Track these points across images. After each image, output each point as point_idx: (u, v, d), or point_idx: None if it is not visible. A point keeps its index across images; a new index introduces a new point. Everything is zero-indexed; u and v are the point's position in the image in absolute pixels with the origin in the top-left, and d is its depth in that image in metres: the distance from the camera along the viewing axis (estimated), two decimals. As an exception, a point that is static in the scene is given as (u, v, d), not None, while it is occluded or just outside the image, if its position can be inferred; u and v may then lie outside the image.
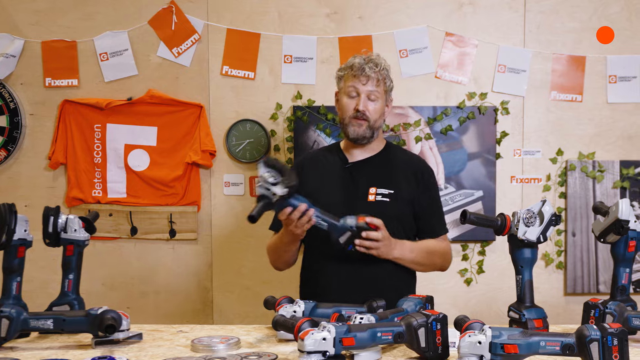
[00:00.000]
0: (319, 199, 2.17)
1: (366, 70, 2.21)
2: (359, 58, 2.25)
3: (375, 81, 2.22)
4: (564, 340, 1.51)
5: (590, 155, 3.33)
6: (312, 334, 1.54)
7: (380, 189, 2.24)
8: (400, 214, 2.25)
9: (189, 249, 3.38)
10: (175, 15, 3.28)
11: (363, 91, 2.22)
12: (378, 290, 2.13)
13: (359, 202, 2.22)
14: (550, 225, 1.97)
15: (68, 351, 1.83)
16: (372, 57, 2.26)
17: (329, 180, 2.30)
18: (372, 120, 2.23)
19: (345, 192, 2.26)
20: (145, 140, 3.32)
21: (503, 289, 3.34)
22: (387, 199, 2.23)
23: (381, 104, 2.25)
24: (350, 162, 2.31)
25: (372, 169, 2.29)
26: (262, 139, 3.29)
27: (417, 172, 2.31)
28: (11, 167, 3.36)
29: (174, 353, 1.80)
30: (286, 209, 1.99)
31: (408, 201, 2.26)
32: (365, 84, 2.22)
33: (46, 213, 2.07)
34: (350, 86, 2.24)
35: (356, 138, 2.25)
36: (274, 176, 1.93)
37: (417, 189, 2.28)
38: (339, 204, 2.22)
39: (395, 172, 2.28)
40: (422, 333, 1.66)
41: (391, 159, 2.32)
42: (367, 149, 2.30)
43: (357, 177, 2.27)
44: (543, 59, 3.32)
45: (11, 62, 3.29)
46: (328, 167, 2.33)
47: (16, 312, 1.84)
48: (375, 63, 2.23)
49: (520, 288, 2.00)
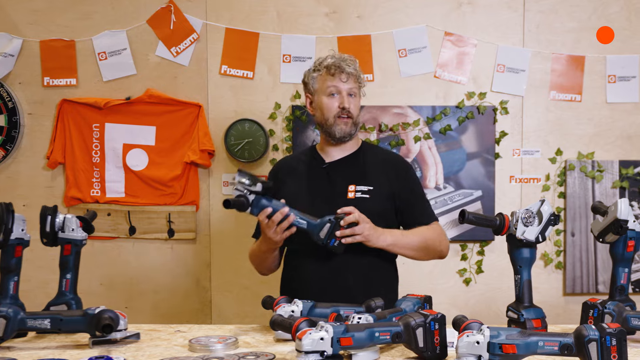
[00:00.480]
0: (298, 200, 2.17)
1: (345, 68, 2.22)
2: (330, 58, 2.26)
3: (354, 78, 2.25)
4: (562, 340, 1.51)
5: (590, 155, 3.32)
6: (309, 333, 1.53)
7: (360, 186, 2.24)
8: (382, 209, 2.24)
9: (188, 248, 3.37)
10: (173, 14, 3.27)
11: (344, 89, 2.23)
12: (358, 288, 2.15)
13: (338, 200, 2.21)
14: (549, 225, 1.97)
15: (65, 351, 1.82)
16: (344, 55, 2.28)
17: (308, 182, 2.29)
18: (355, 116, 2.26)
19: (324, 192, 2.25)
20: (144, 139, 3.31)
21: (502, 288, 3.34)
22: (367, 195, 2.22)
23: (359, 100, 2.29)
24: (327, 162, 2.30)
25: (349, 167, 2.29)
26: (261, 139, 3.28)
27: (395, 167, 2.31)
28: (9, 166, 3.35)
29: (171, 353, 1.79)
30: (267, 208, 2.01)
31: (388, 196, 2.26)
32: (346, 81, 2.23)
33: (43, 212, 2.06)
34: (330, 86, 2.24)
35: (343, 136, 2.25)
36: (248, 179, 1.98)
37: (397, 182, 2.27)
38: (319, 203, 2.21)
39: (373, 169, 2.28)
40: (420, 333, 1.65)
41: (368, 157, 2.32)
42: (343, 149, 2.30)
43: (334, 176, 2.27)
44: (542, 59, 3.31)
45: (9, 62, 3.29)
46: (305, 169, 2.33)
47: (13, 312, 1.84)
48: (351, 60, 2.26)
49: (518, 288, 2.00)
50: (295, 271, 2.29)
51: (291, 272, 2.32)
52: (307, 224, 2.07)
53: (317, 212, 2.11)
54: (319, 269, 2.20)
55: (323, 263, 2.19)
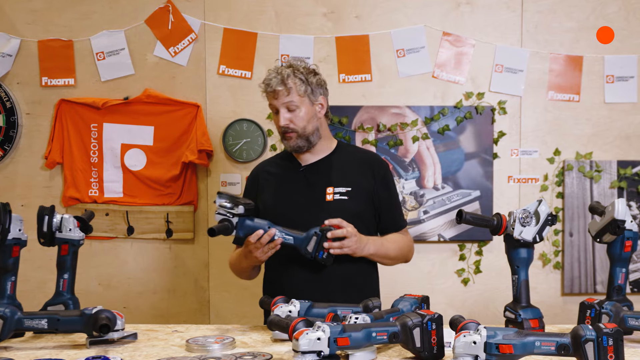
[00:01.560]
0: (278, 205, 2.17)
1: (272, 84, 2.17)
2: (271, 72, 2.21)
3: (285, 92, 2.17)
4: (559, 340, 1.51)
5: (588, 155, 3.32)
6: (306, 333, 1.53)
7: (337, 187, 2.23)
8: (361, 210, 2.24)
9: (186, 248, 3.37)
10: (171, 14, 3.27)
11: (279, 105, 2.20)
12: (341, 289, 2.15)
13: (317, 203, 2.21)
14: (546, 225, 1.97)
15: (62, 351, 1.82)
16: (281, 69, 2.20)
17: (285, 186, 2.29)
18: (300, 129, 2.21)
19: (302, 196, 2.25)
20: (142, 139, 3.31)
21: (500, 289, 3.34)
22: (345, 197, 2.22)
23: (305, 109, 2.20)
24: (303, 165, 2.30)
25: (326, 169, 2.28)
26: (259, 139, 3.28)
27: (373, 167, 2.30)
28: (7, 166, 3.35)
29: (168, 353, 1.79)
30: (258, 231, 2.03)
31: (367, 197, 2.26)
32: (278, 98, 2.19)
33: (41, 212, 2.06)
34: (269, 104, 2.24)
35: (295, 150, 2.25)
36: (229, 202, 2.00)
37: (375, 183, 2.27)
38: (297, 207, 2.22)
39: (350, 170, 2.28)
40: (417, 333, 1.65)
41: (344, 157, 2.31)
42: (317, 152, 2.29)
43: (312, 179, 2.26)
44: (540, 59, 3.31)
45: (7, 61, 3.29)
46: (282, 173, 2.32)
47: (10, 312, 1.84)
48: (282, 74, 2.17)
49: (516, 288, 2.00)
50: (276, 272, 2.29)
51: (272, 273, 2.33)
52: (294, 239, 2.08)
53: (297, 217, 2.14)
54: (299, 271, 2.20)
55: (303, 265, 2.18)
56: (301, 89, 2.19)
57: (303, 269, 2.19)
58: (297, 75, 2.19)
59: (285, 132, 2.22)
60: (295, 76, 2.18)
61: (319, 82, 2.25)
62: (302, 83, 2.19)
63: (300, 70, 2.20)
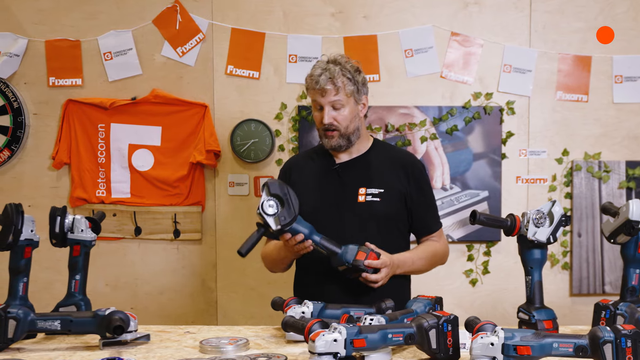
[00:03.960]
0: (308, 202, 2.15)
1: (321, 82, 2.13)
2: (317, 68, 2.18)
3: (334, 90, 2.14)
4: (577, 342, 1.50)
5: (596, 155, 3.31)
6: (323, 335, 1.53)
7: (370, 188, 2.21)
8: (392, 212, 2.22)
9: (193, 249, 3.37)
10: (179, 14, 3.26)
11: (325, 103, 2.17)
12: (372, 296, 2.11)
13: (349, 203, 2.20)
14: (560, 226, 1.96)
15: (76, 352, 1.81)
16: (329, 66, 2.16)
17: (318, 183, 2.27)
18: (343, 128, 2.19)
19: (334, 194, 2.23)
20: (150, 140, 3.31)
21: (508, 289, 3.33)
22: (377, 199, 2.20)
23: (349, 109, 2.18)
24: (337, 163, 2.28)
25: (360, 168, 2.26)
26: (267, 139, 3.27)
27: (407, 168, 2.28)
28: (15, 166, 3.34)
29: (182, 354, 1.78)
30: (285, 234, 2.01)
31: (399, 198, 2.23)
32: (325, 96, 2.16)
33: (53, 213, 2.05)
34: (313, 100, 2.21)
35: (332, 148, 2.24)
36: (273, 205, 1.95)
37: (408, 185, 2.25)
38: (328, 206, 2.21)
39: (384, 170, 2.25)
40: (433, 334, 1.65)
41: (379, 157, 2.29)
42: (353, 150, 2.27)
43: (345, 178, 2.25)
44: (549, 59, 3.30)
45: (15, 62, 3.28)
46: (316, 169, 2.30)
47: (23, 313, 1.83)
48: (331, 71, 2.14)
49: (529, 289, 1.99)
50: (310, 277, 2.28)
51: (305, 277, 2.31)
52: (327, 252, 2.04)
53: (327, 215, 2.12)
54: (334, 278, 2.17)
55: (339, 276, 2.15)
56: (349, 88, 2.17)
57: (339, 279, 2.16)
58: (345, 74, 2.16)
59: (327, 130, 2.19)
60: (344, 75, 2.16)
61: (363, 81, 2.23)
62: (350, 82, 2.17)
63: (347, 68, 2.17)
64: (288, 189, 2.00)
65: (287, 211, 1.96)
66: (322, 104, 2.17)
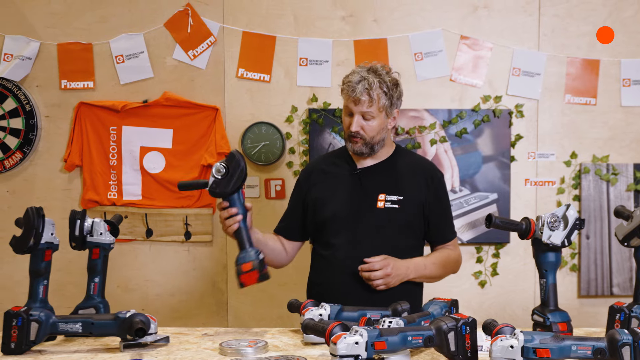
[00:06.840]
0: (327, 206, 2.17)
1: (357, 92, 2.13)
2: (356, 74, 2.18)
3: (368, 102, 2.15)
4: (595, 345, 1.52)
5: (604, 158, 3.34)
6: (344, 337, 1.55)
7: (390, 195, 2.23)
8: (410, 220, 2.25)
9: (204, 251, 3.39)
10: (191, 17, 3.28)
11: (356, 112, 2.18)
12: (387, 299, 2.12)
13: (368, 209, 2.22)
14: (574, 230, 1.99)
15: (97, 355, 1.84)
16: (368, 75, 2.16)
17: (338, 187, 2.29)
18: (369, 138, 2.21)
19: (354, 199, 2.25)
20: (161, 142, 3.33)
21: (517, 291, 3.35)
22: (396, 206, 2.22)
23: (378, 121, 2.20)
24: (359, 168, 2.30)
25: (381, 174, 2.28)
26: (278, 142, 3.29)
27: (427, 177, 2.30)
28: (27, 169, 3.36)
29: (202, 356, 1.81)
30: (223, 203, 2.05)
31: (417, 206, 2.26)
32: (357, 105, 2.17)
33: (73, 217, 2.08)
34: (345, 105, 2.22)
35: (356, 153, 2.26)
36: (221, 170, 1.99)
37: (427, 193, 2.27)
38: (347, 211, 2.23)
39: (404, 178, 2.28)
40: (451, 337, 1.66)
41: (400, 164, 2.31)
42: (375, 156, 2.29)
43: (366, 184, 2.27)
44: (557, 62, 3.32)
45: (27, 65, 3.30)
46: (336, 173, 2.32)
47: (45, 316, 1.85)
48: (369, 81, 2.14)
49: (544, 291, 2.01)
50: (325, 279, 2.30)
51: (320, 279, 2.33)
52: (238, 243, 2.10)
53: (346, 219, 2.15)
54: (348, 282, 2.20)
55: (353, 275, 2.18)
56: (383, 102, 2.17)
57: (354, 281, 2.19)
58: (382, 87, 2.16)
59: (353, 137, 2.21)
60: (381, 88, 2.16)
61: (399, 95, 2.24)
62: (385, 96, 2.17)
63: (385, 81, 2.17)
64: (240, 170, 1.99)
65: (224, 183, 1.99)
66: (353, 111, 2.19)
